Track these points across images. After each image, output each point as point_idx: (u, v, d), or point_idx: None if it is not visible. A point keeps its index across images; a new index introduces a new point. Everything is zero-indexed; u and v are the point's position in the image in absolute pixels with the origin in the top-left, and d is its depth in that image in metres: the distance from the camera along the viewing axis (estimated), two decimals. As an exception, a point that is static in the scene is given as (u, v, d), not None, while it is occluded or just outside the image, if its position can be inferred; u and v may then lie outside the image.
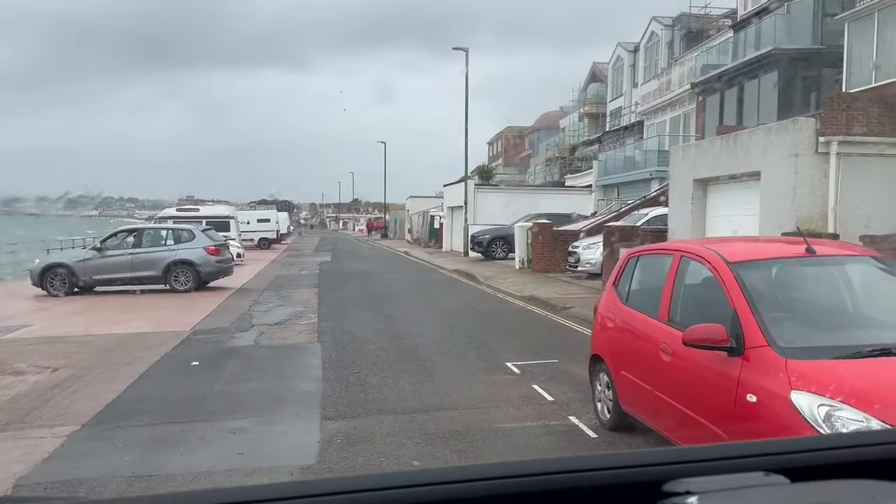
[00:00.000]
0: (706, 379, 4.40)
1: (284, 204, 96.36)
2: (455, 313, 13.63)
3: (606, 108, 49.19)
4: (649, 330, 5.20)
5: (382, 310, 14.33)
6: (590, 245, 18.35)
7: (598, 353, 6.15)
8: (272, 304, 15.87)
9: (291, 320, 13.17)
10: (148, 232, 19.41)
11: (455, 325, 12.07)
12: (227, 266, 19.43)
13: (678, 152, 13.48)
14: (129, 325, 12.84)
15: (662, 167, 24.75)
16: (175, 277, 18.48)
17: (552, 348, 9.84)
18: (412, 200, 53.40)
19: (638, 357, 5.36)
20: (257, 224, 44.81)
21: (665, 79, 36.54)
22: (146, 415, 6.95)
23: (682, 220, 12.97)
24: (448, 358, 9.33)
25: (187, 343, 10.91)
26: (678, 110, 32.88)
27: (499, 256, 26.84)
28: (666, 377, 4.85)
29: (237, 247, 30.11)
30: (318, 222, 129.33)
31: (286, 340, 11.06)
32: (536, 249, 21.14)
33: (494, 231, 27.52)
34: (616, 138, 42.36)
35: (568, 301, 14.24)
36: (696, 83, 29.99)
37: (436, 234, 41.06)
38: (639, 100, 43.27)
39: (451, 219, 35.63)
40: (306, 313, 14.06)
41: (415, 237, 48.85)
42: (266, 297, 17.34)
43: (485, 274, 21.18)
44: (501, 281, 19.32)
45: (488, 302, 15.46)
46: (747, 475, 1.02)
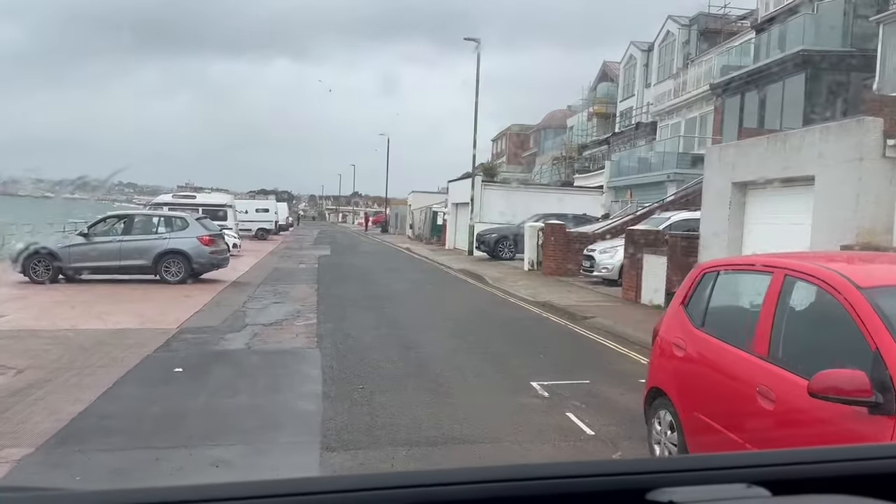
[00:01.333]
0: (834, 441, 3.34)
1: (284, 195, 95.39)
2: (465, 319, 12.58)
3: (617, 107, 48.10)
4: (739, 366, 4.15)
5: (386, 312, 13.28)
6: (607, 249, 17.31)
7: (660, 385, 5.09)
8: (268, 300, 14.80)
9: (288, 320, 12.11)
10: (138, 218, 18.31)
11: (467, 333, 11.02)
12: (222, 258, 18.35)
13: (714, 153, 12.44)
14: (111, 320, 11.77)
15: (681, 169, 23.73)
16: (166, 268, 17.40)
17: (580, 365, 8.80)
18: (414, 195, 52.31)
19: (721, 398, 4.31)
20: (256, 214, 43.73)
21: (681, 79, 35.47)
22: (115, 435, 5.90)
23: (717, 227, 11.92)
24: (464, 373, 8.27)
25: (172, 344, 9.84)
26: (695, 112, 31.83)
27: (505, 257, 25.79)
28: (768, 430, 3.79)
29: (234, 237, 29.03)
30: (317, 214, 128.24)
31: (282, 344, 10.00)
32: (548, 251, 20.09)
33: (501, 230, 26.47)
34: (627, 139, 41.30)
35: (587, 309, 13.19)
36: (715, 84, 28.93)
37: (438, 231, 40.00)
38: (652, 100, 42.21)
39: (456, 216, 34.56)
40: (304, 313, 13.00)
41: (416, 233, 47.80)
42: (262, 292, 16.28)
43: (492, 275, 20.13)
44: (511, 283, 18.27)
45: (500, 307, 14.40)
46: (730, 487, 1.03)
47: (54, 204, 33.13)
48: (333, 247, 37.51)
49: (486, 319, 12.60)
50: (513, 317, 13.02)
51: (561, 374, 8.22)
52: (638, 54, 45.10)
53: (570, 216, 25.93)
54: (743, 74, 26.72)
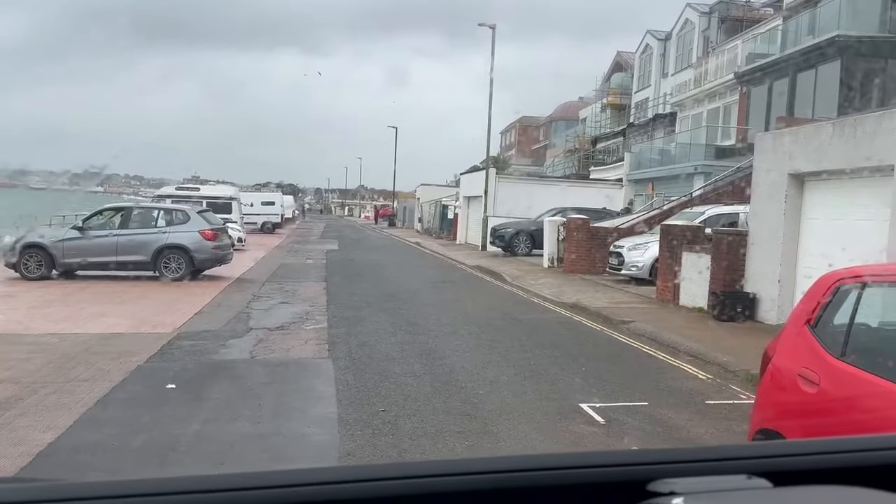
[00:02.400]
0: None
1: (290, 188, 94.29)
2: (489, 322, 11.47)
3: (631, 98, 46.86)
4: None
5: (403, 314, 12.18)
6: (636, 245, 16.17)
7: (776, 429, 3.96)
8: (274, 300, 13.73)
9: (296, 323, 11.03)
10: (137, 211, 17.24)
11: (495, 341, 9.92)
12: (225, 253, 17.28)
13: (767, 140, 11.28)
14: (103, 322, 10.72)
15: (709, 161, 22.54)
16: (165, 264, 16.34)
17: (631, 382, 7.69)
18: (423, 189, 51.18)
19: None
20: (261, 207, 42.64)
21: (702, 68, 34.19)
22: (87, 475, 4.83)
23: (770, 224, 10.78)
24: (500, 391, 7.17)
25: (167, 352, 8.77)
26: (717, 102, 30.59)
27: (522, 252, 24.65)
28: None
29: (238, 231, 28.00)
30: (323, 208, 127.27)
31: (290, 353, 8.92)
32: (570, 247, 18.96)
33: (518, 225, 25.32)
34: (644, 130, 40.05)
35: (622, 312, 12.07)
36: (740, 73, 27.70)
37: (449, 225, 38.88)
38: (669, 91, 40.96)
39: (468, 209, 33.43)
40: (314, 314, 11.92)
41: (425, 227, 46.68)
42: (267, 290, 15.21)
43: (511, 272, 19.01)
44: (532, 282, 17.16)
45: (525, 309, 13.29)
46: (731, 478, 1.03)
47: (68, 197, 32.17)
48: (341, 241, 36.44)
49: (512, 323, 11.49)
50: (541, 320, 11.90)
51: (612, 394, 7.12)
52: (654, 43, 43.80)
53: (590, 210, 24.80)
54: (771, 62, 25.49)
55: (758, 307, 11.03)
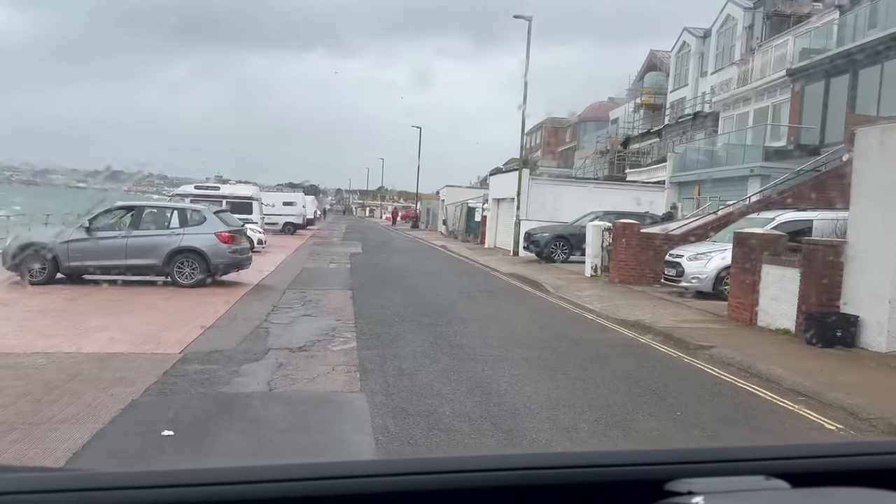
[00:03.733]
0: None
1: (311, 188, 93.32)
2: (545, 345, 9.91)
3: (667, 98, 45.03)
4: None
5: (441, 331, 10.67)
6: (698, 255, 14.53)
7: None
8: (296, 311, 12.30)
9: (321, 342, 9.56)
10: (149, 211, 15.90)
11: (557, 370, 8.38)
12: (244, 257, 15.91)
13: (872, 137, 9.63)
14: (102, 339, 9.34)
15: (768, 163, 20.80)
16: (179, 268, 15.01)
17: (746, 433, 6.11)
18: (448, 190, 49.69)
19: None
20: (283, 207, 41.41)
21: (747, 66, 32.37)
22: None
23: (878, 233, 9.13)
24: (583, 449, 5.63)
25: (169, 380, 7.34)
26: (765, 101, 28.74)
27: (558, 259, 23.06)
28: None
29: (259, 232, 26.70)
30: (345, 208, 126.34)
31: (315, 384, 7.45)
32: (617, 255, 17.35)
33: (554, 229, 23.73)
34: (682, 131, 38.29)
35: (695, 334, 10.46)
36: (793, 69, 25.89)
37: (475, 228, 37.34)
38: (708, 90, 39.14)
39: (497, 212, 31.86)
40: (341, 331, 10.46)
41: (450, 230, 45.18)
42: (288, 299, 13.79)
43: (551, 282, 17.44)
44: (577, 293, 15.58)
45: (580, 327, 11.71)
46: (749, 478, 1.03)
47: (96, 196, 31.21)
48: (364, 243, 35.04)
49: (571, 346, 9.92)
50: (603, 342, 10.32)
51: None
52: (692, 41, 41.98)
53: (631, 214, 23.17)
54: (828, 58, 23.66)
55: (861, 332, 9.39)
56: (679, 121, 39.20)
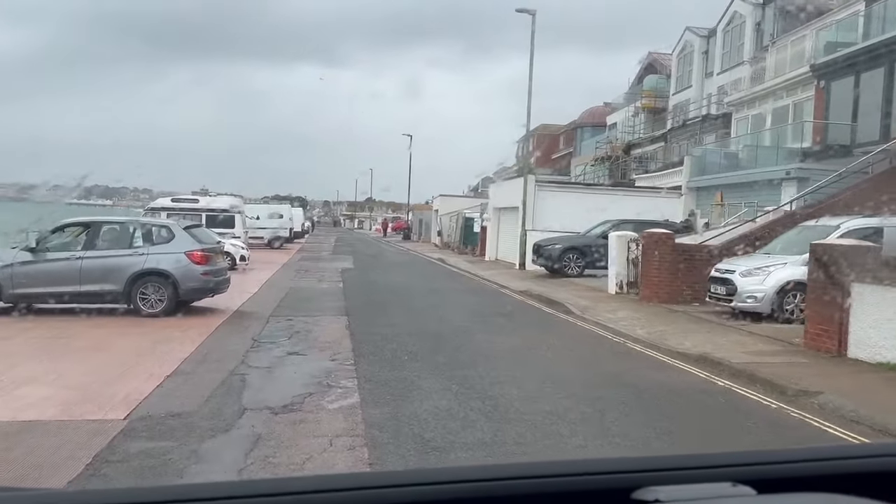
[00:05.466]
0: None
1: (299, 200, 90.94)
2: (601, 394, 7.73)
3: (669, 101, 43.21)
4: None
5: (464, 375, 8.47)
6: (752, 270, 12.44)
7: None
8: (281, 348, 10.08)
9: (314, 396, 7.35)
10: (107, 227, 13.59)
11: (627, 434, 6.18)
12: (220, 280, 13.67)
13: None
14: (25, 396, 7.12)
15: (808, 165, 18.80)
16: (143, 295, 12.76)
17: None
18: (442, 200, 47.61)
19: None
20: (268, 220, 39.11)
21: (760, 64, 30.55)
22: None
23: None
24: None
25: (99, 472, 5.12)
26: (785, 99, 26.84)
27: (572, 273, 20.94)
28: None
29: (241, 248, 24.46)
30: (334, 220, 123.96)
31: (307, 471, 5.25)
32: (649, 270, 15.25)
33: (566, 240, 21.62)
34: (689, 134, 36.42)
35: (783, 372, 8.34)
36: (817, 65, 23.98)
37: (474, 240, 35.19)
38: (714, 91, 37.33)
39: (498, 222, 29.75)
40: (338, 377, 8.26)
41: (445, 241, 43.03)
42: (272, 331, 11.58)
43: (574, 301, 15.31)
44: (608, 315, 13.46)
45: (630, 363, 9.54)
46: (715, 485, 1.03)
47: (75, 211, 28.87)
48: (356, 257, 32.78)
49: (634, 395, 7.73)
50: (672, 387, 8.14)
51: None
52: (695, 41, 40.21)
53: (649, 222, 21.12)
54: (859, 50, 21.77)
55: None
56: (686, 123, 37.32)
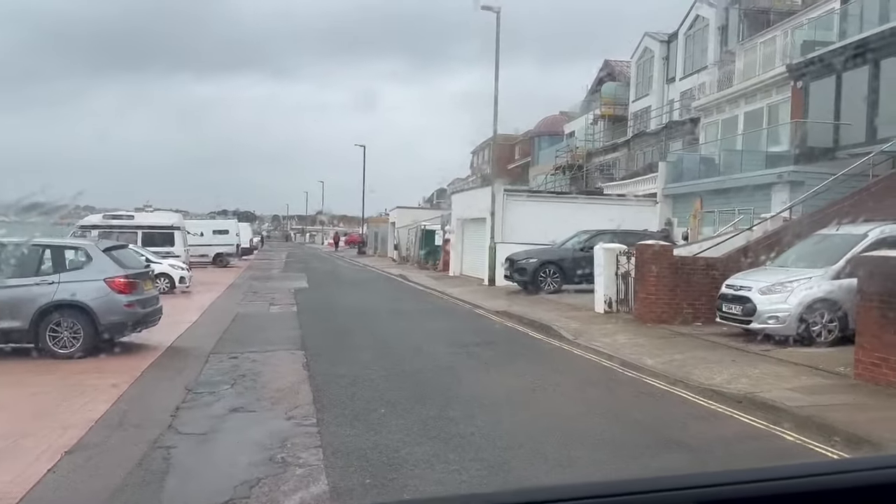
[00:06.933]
0: None
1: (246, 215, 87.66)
2: (648, 461, 5.89)
3: (629, 108, 42.26)
4: None
5: (462, 436, 6.54)
6: (773, 287, 10.84)
7: None
8: (222, 402, 7.96)
9: (263, 486, 5.30)
10: (8, 250, 11.21)
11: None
12: (149, 311, 11.42)
13: None
14: None
15: (802, 167, 17.50)
16: (53, 333, 10.48)
17: None
18: (399, 212, 45.60)
19: None
20: (213, 236, 36.51)
21: (728, 67, 29.58)
22: None
23: None
24: None
25: None
26: (758, 102, 25.77)
27: (549, 289, 19.22)
28: None
29: (181, 268, 22.03)
30: (287, 235, 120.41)
31: None
32: (645, 286, 13.58)
33: (542, 253, 19.91)
34: (655, 140, 35.31)
35: (857, 418, 6.66)
36: (793, 65, 22.93)
37: (435, 254, 33.30)
38: (676, 96, 36.41)
39: (463, 234, 27.93)
40: (295, 448, 6.21)
41: (403, 255, 41.02)
42: (212, 375, 9.43)
43: (563, 323, 13.54)
44: (606, 340, 11.72)
45: (663, 409, 7.74)
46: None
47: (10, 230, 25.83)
48: (310, 275, 30.47)
49: (694, 462, 5.91)
50: (732, 447, 6.34)
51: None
52: (655, 46, 39.34)
53: (629, 233, 19.61)
54: (842, 48, 20.72)
55: None
56: (650, 130, 36.27)
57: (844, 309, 10.46)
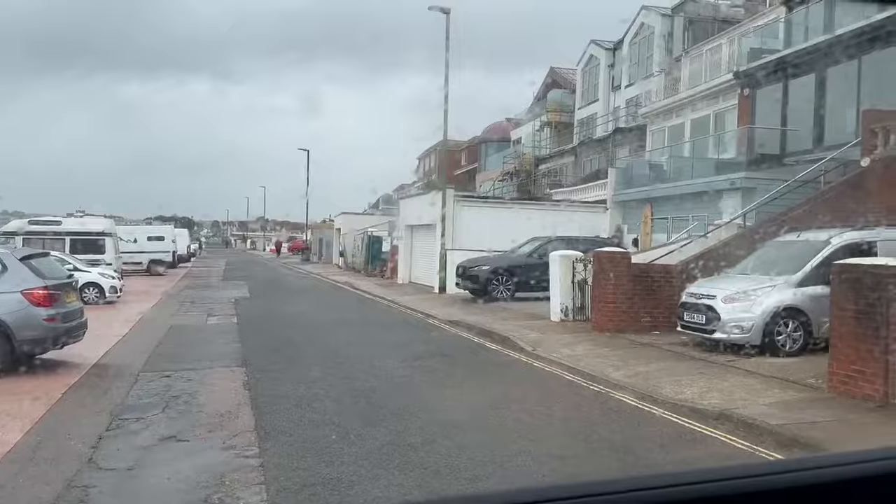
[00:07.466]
0: None
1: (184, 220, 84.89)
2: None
3: (574, 115, 42.36)
4: None
5: (424, 464, 5.89)
6: (737, 295, 10.54)
7: None
8: (150, 430, 7.09)
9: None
10: None
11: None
12: (72, 325, 10.39)
13: None
14: None
15: (755, 174, 17.44)
16: (-40, 351, 9.34)
17: None
18: (344, 218, 44.61)
19: None
20: (148, 243, 34.89)
21: (674, 75, 29.80)
22: None
23: None
24: None
25: None
26: (704, 109, 25.96)
27: (503, 297, 18.72)
28: None
29: (112, 277, 20.73)
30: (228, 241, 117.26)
31: None
32: (604, 294, 13.18)
33: (495, 260, 19.42)
34: (601, 147, 35.38)
35: (839, 436, 6.28)
36: (740, 72, 23.11)
37: (382, 261, 32.50)
38: (622, 103, 36.60)
39: (411, 241, 27.25)
40: (234, 486, 5.45)
41: (349, 262, 40.05)
42: (141, 397, 8.52)
43: (520, 334, 13.01)
44: (566, 351, 11.25)
45: (639, 430, 7.21)
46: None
47: None
48: (251, 283, 29.26)
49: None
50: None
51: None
52: (601, 54, 39.51)
53: (583, 239, 19.33)
54: (787, 56, 20.95)
55: None
56: (597, 137, 36.35)
57: (809, 318, 10.24)
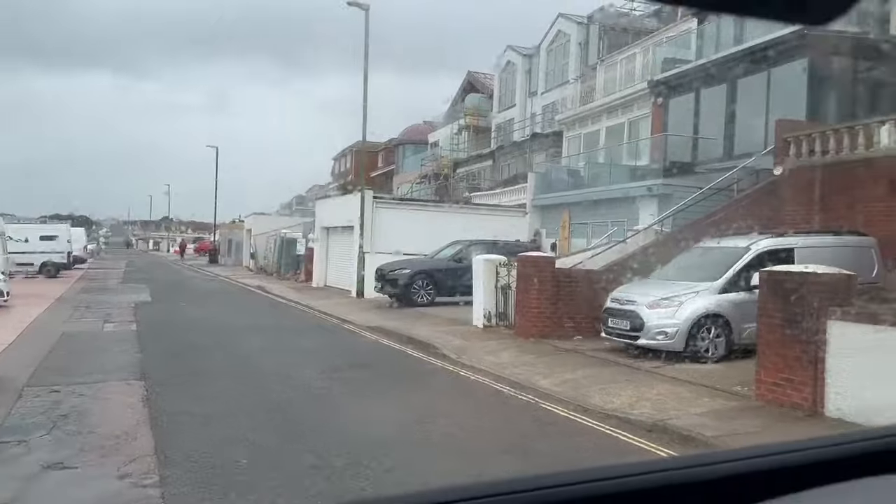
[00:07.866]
0: None
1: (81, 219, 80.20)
2: None
3: (492, 120, 42.52)
4: None
5: (347, 487, 5.34)
6: (660, 301, 10.47)
7: None
8: (33, 455, 6.21)
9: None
10: None
11: None
12: (-58, 335, 9.19)
13: None
14: None
15: (672, 181, 17.68)
16: None
17: None
18: (255, 218, 43.05)
19: None
20: (41, 243, 32.50)
21: (589, 83, 30.22)
22: None
23: None
24: None
25: None
26: (619, 117, 26.42)
27: (422, 301, 18.27)
28: None
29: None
30: (128, 241, 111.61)
31: None
32: (527, 299, 12.94)
33: (416, 264, 18.93)
34: (519, 152, 35.54)
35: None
36: (654, 82, 23.59)
37: (296, 264, 31.43)
38: (539, 109, 36.95)
39: (328, 243, 26.39)
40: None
41: (260, 264, 38.63)
42: (24, 416, 7.55)
43: (443, 340, 12.59)
44: (491, 359, 10.91)
45: (571, 442, 6.88)
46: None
47: None
48: (153, 286, 27.53)
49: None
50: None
51: None
52: (518, 60, 39.79)
53: (501, 243, 19.16)
54: (701, 66, 21.52)
55: None
56: (514, 142, 36.54)
57: (731, 324, 10.29)
